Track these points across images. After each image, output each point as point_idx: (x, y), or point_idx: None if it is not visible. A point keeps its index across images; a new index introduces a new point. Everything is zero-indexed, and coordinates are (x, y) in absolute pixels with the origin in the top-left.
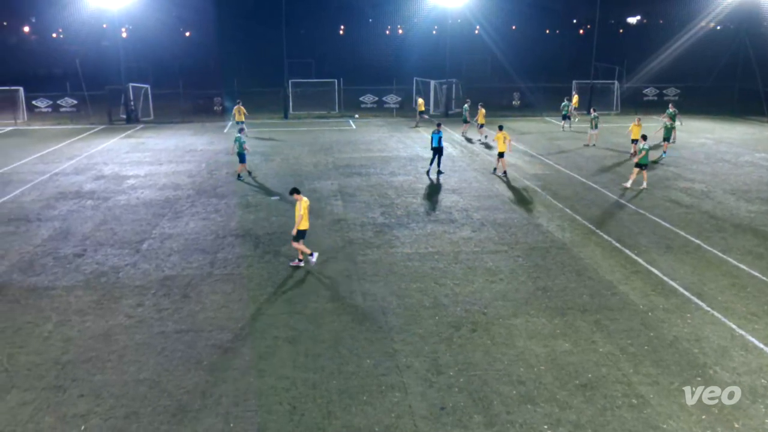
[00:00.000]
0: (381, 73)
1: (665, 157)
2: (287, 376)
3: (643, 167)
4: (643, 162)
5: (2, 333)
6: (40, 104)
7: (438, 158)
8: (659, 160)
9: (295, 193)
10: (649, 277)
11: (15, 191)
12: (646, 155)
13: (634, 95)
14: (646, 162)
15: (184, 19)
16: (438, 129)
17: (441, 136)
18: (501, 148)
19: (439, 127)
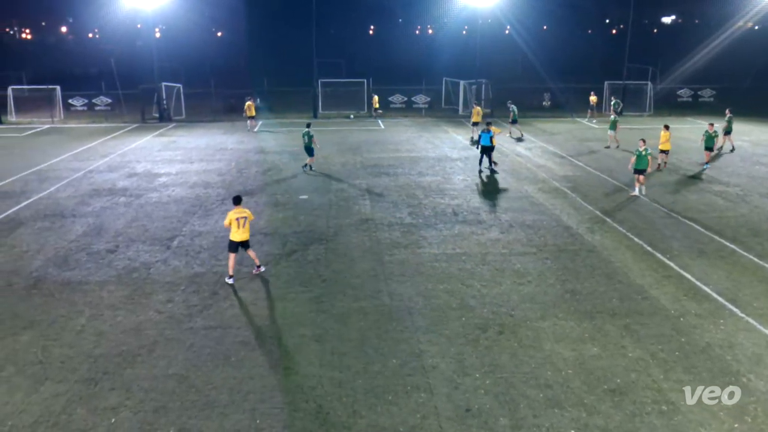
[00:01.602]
0: (410, 73)
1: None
2: (313, 375)
3: (641, 172)
4: (641, 167)
5: (37, 326)
6: (75, 103)
7: (488, 157)
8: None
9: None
10: (681, 281)
11: (51, 188)
12: (644, 160)
13: (668, 96)
14: (644, 167)
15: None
16: (488, 128)
17: (491, 135)
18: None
19: (489, 126)
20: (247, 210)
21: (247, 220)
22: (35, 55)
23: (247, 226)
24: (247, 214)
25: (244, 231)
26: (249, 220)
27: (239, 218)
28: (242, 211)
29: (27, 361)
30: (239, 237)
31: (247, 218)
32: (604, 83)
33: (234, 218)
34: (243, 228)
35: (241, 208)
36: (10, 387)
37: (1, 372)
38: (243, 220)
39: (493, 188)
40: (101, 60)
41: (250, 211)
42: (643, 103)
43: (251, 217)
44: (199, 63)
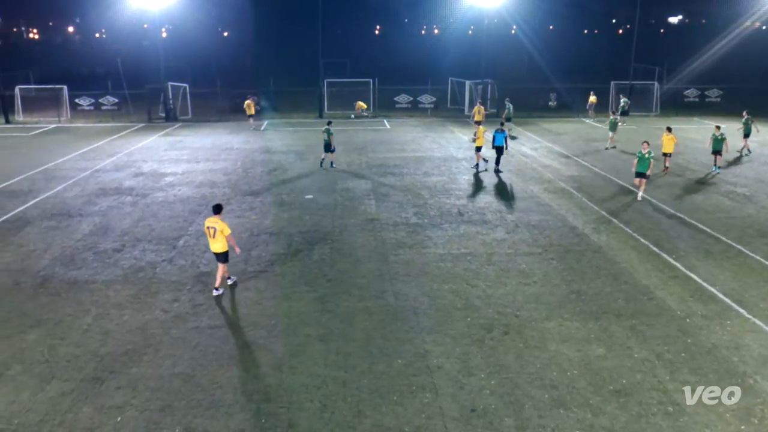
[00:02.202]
0: (416, 73)
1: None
2: (318, 374)
3: (641, 175)
4: (641, 170)
5: (44, 324)
6: (82, 102)
7: (498, 157)
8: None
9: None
10: (687, 282)
11: (58, 187)
12: (646, 163)
13: (675, 96)
14: (644, 170)
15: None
16: (501, 129)
17: (505, 136)
18: (479, 143)
19: (502, 126)
20: (221, 221)
21: (217, 231)
22: (42, 54)
23: (219, 237)
24: (218, 225)
25: (215, 242)
26: (221, 232)
27: (209, 227)
28: (214, 221)
29: (34, 359)
30: (211, 246)
31: (216, 229)
32: (610, 83)
33: (205, 227)
34: (213, 238)
35: (215, 218)
36: (17, 385)
37: (8, 370)
38: (212, 230)
39: (498, 188)
40: (108, 60)
41: (225, 224)
42: (650, 103)
43: (226, 230)
44: (205, 63)
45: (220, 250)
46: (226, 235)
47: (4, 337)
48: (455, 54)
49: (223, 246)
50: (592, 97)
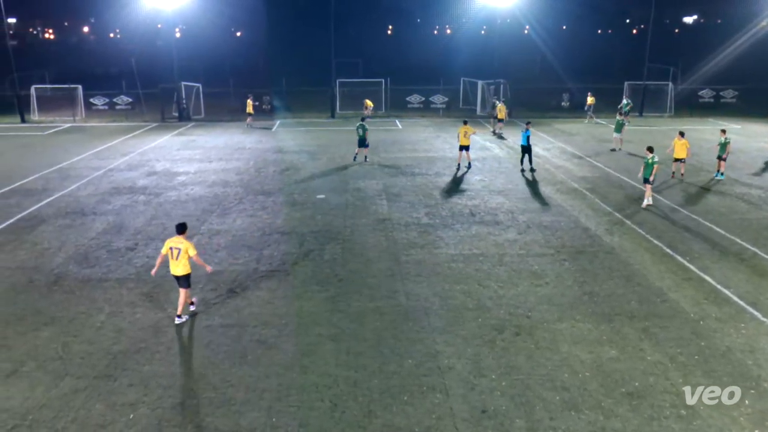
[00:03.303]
0: (428, 73)
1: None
2: (329, 374)
3: (646, 181)
4: (646, 175)
5: (58, 322)
6: (97, 102)
7: (528, 156)
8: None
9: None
10: (701, 284)
11: (72, 186)
12: (649, 168)
13: (689, 97)
14: (648, 175)
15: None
16: (527, 128)
17: (529, 135)
18: (463, 142)
19: (528, 125)
20: (186, 241)
21: (181, 253)
22: (58, 54)
23: (183, 259)
24: (183, 245)
25: (177, 264)
26: (185, 252)
27: (173, 248)
28: (179, 242)
29: (47, 356)
30: (173, 269)
31: (181, 250)
32: (624, 83)
33: (168, 247)
34: (176, 260)
35: (179, 238)
36: (31, 382)
37: (23, 367)
38: (176, 251)
39: (510, 189)
40: (122, 60)
41: (191, 244)
42: (664, 103)
43: (192, 252)
44: (218, 63)
45: (182, 272)
46: (192, 255)
47: (18, 334)
48: (468, 54)
49: (186, 268)
50: (590, 99)
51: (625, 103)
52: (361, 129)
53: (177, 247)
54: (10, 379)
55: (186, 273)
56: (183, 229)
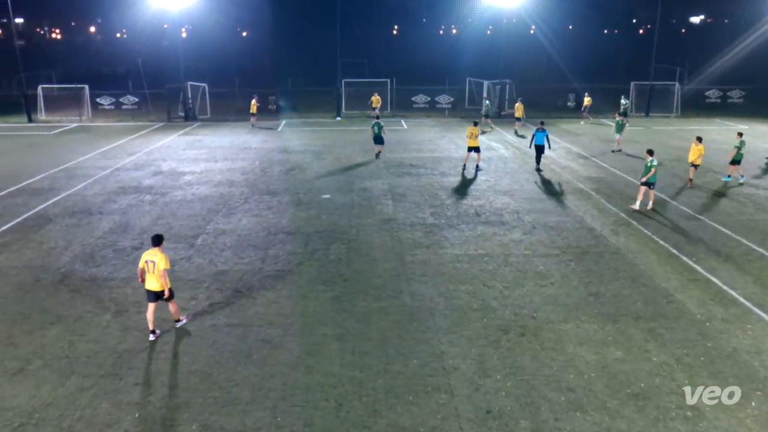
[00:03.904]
0: (434, 73)
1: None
2: (334, 373)
3: (650, 186)
4: (651, 180)
5: (64, 321)
6: (103, 102)
7: (538, 156)
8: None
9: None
10: (707, 285)
11: (79, 185)
12: (655, 173)
13: (696, 97)
14: (653, 180)
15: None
16: (542, 128)
17: (547, 135)
18: (471, 143)
19: (542, 125)
20: (161, 254)
21: (155, 265)
22: (65, 54)
23: (158, 272)
24: (157, 258)
25: (155, 278)
26: (160, 267)
27: (148, 261)
28: (153, 254)
29: (54, 355)
30: (149, 283)
31: (155, 263)
32: (630, 84)
33: (144, 260)
34: (153, 274)
35: (155, 251)
36: (38, 380)
37: (29, 365)
38: (151, 264)
39: (515, 189)
40: (129, 60)
41: (165, 257)
42: (670, 104)
43: (166, 264)
44: (224, 63)
45: (160, 287)
46: (162, 269)
47: (25, 332)
48: (473, 54)
49: (167, 282)
50: (586, 99)
51: (623, 103)
52: (377, 126)
53: (152, 260)
54: (16, 377)
55: (162, 288)
56: (158, 241)
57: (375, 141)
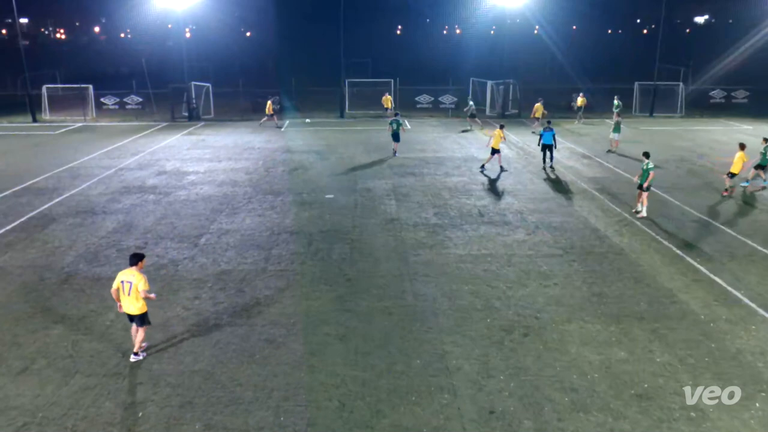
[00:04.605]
0: (437, 73)
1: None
2: (337, 373)
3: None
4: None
5: (68, 320)
6: (107, 101)
7: (550, 154)
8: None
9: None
10: (711, 286)
11: (83, 185)
12: (646, 175)
13: (700, 98)
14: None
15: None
16: (549, 127)
17: (554, 134)
18: (494, 145)
19: (549, 125)
20: (139, 274)
21: (132, 287)
22: (69, 54)
23: (136, 294)
24: (135, 279)
25: (130, 301)
26: (138, 287)
27: (124, 281)
28: (131, 274)
29: (58, 354)
30: (125, 306)
31: (132, 284)
32: (634, 84)
33: (119, 281)
34: (128, 295)
35: (132, 270)
36: (42, 379)
37: (33, 365)
38: (128, 285)
39: (519, 189)
40: (133, 59)
41: (144, 278)
42: (675, 104)
43: (144, 285)
44: (227, 63)
45: (137, 311)
46: (142, 290)
47: (29, 331)
48: (477, 54)
49: (142, 306)
50: (580, 100)
51: (615, 104)
52: (396, 124)
53: (129, 280)
54: (20, 376)
55: (143, 311)
56: (137, 260)
57: (394, 138)
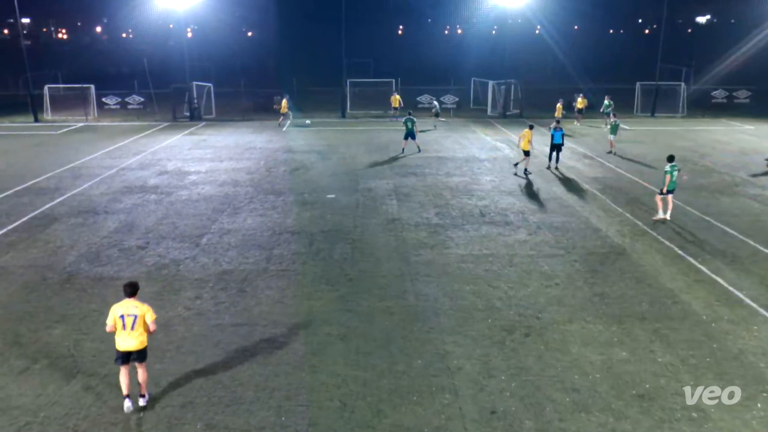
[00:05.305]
0: (438, 73)
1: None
2: (338, 373)
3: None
4: (670, 188)
5: (70, 320)
6: (109, 101)
7: (557, 154)
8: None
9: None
10: (713, 286)
11: (84, 184)
12: (672, 180)
13: (702, 98)
14: (672, 187)
15: (246, 20)
16: (558, 127)
17: (563, 134)
18: (524, 147)
19: (558, 124)
20: (143, 304)
21: (137, 320)
22: (71, 54)
23: (140, 329)
24: (140, 310)
25: (131, 335)
26: (145, 318)
27: (125, 315)
28: (134, 306)
29: (59, 354)
30: (124, 343)
31: (137, 316)
32: (636, 84)
33: (117, 315)
34: (132, 330)
35: (133, 301)
36: (43, 379)
37: (35, 364)
38: (131, 318)
39: (520, 189)
40: (134, 59)
41: (149, 308)
42: (676, 104)
43: (152, 315)
44: (229, 62)
45: (140, 345)
46: (152, 321)
47: (30, 331)
48: (478, 54)
49: (143, 340)
50: (580, 101)
51: (606, 104)
52: (410, 122)
53: (132, 313)
54: (22, 376)
55: (143, 347)
56: (135, 289)
57: (406, 136)
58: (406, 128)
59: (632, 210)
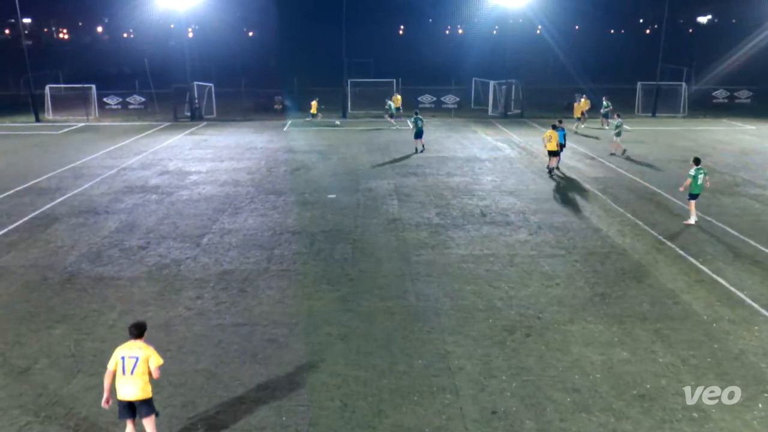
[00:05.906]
0: (439, 73)
1: None
2: (339, 373)
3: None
4: (694, 192)
5: (70, 320)
6: (110, 101)
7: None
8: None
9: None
10: (714, 286)
11: (85, 184)
12: (695, 183)
13: (703, 98)
14: (697, 192)
15: (247, 20)
16: (561, 126)
17: (564, 134)
18: (551, 147)
19: (560, 123)
20: (147, 347)
21: (138, 364)
22: (72, 54)
23: (141, 374)
24: (143, 353)
25: (133, 381)
26: (149, 362)
27: (125, 357)
28: (137, 348)
29: (60, 353)
30: (123, 389)
31: (139, 360)
32: (637, 84)
33: (118, 357)
34: (131, 375)
35: (139, 343)
36: (44, 379)
37: (36, 364)
38: (132, 361)
39: (521, 189)
40: (135, 59)
41: (155, 351)
42: (677, 104)
43: (157, 360)
44: (230, 62)
45: (143, 394)
46: (156, 367)
47: (31, 331)
48: (479, 54)
49: (147, 388)
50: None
51: (605, 105)
52: (420, 121)
53: (133, 356)
54: (23, 375)
55: (146, 397)
56: (140, 330)
57: (416, 135)
58: (417, 127)
59: (633, 210)
